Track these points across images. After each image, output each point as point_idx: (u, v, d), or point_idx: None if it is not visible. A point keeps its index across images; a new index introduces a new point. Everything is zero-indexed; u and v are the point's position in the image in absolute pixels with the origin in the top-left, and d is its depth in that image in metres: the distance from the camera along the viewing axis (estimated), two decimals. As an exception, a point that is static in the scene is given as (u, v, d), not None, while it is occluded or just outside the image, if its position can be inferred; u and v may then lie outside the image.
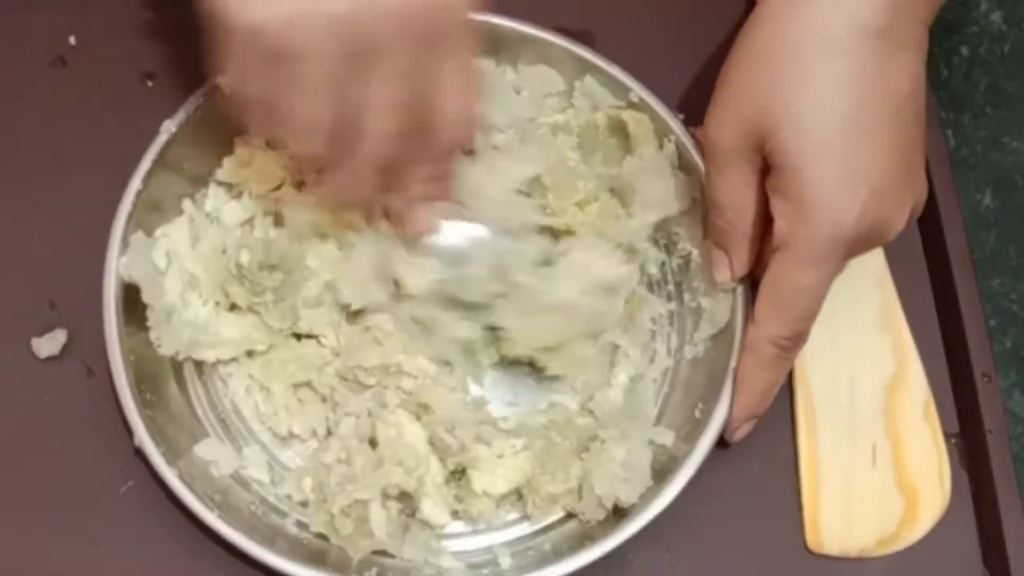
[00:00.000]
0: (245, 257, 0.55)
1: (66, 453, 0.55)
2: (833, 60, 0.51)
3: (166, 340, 0.54)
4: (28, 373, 0.56)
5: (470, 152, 0.57)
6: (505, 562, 0.54)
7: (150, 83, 0.61)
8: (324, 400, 0.56)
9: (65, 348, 0.56)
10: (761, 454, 0.57)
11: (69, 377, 0.56)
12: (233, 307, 0.56)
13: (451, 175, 0.55)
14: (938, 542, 0.56)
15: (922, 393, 0.58)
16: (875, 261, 0.60)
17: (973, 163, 0.69)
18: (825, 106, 0.50)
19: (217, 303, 0.56)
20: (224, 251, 0.56)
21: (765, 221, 0.53)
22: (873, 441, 0.57)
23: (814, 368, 0.58)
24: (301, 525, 0.54)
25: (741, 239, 0.55)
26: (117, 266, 0.54)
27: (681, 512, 0.54)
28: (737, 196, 0.54)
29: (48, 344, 0.56)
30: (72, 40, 0.62)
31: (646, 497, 0.53)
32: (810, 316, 0.53)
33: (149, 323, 0.54)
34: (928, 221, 0.62)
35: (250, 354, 0.56)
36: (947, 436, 0.58)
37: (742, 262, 0.55)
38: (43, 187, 0.59)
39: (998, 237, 0.67)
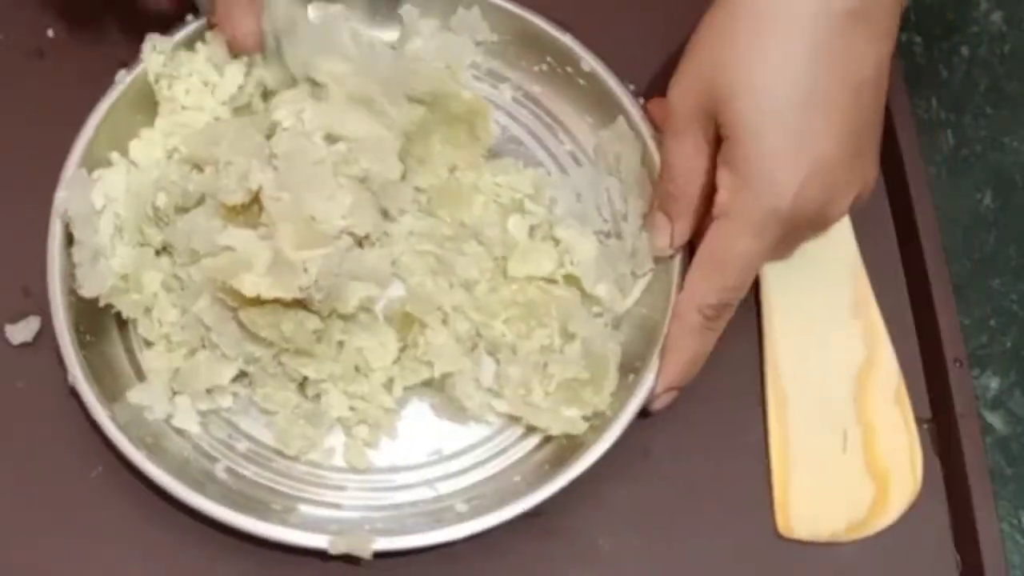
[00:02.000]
0: (162, 200, 0.56)
1: (38, 439, 0.55)
2: (795, 37, 0.51)
3: (88, 283, 0.54)
4: (1, 360, 0.56)
5: None
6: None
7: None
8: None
9: (39, 335, 0.56)
10: (731, 439, 0.57)
11: (42, 364, 0.56)
12: (158, 253, 0.56)
13: None
14: (910, 527, 0.56)
15: (893, 379, 0.58)
16: (847, 247, 0.60)
17: (973, 163, 0.68)
18: (779, 81, 0.51)
19: (141, 245, 0.56)
20: (141, 193, 0.56)
21: (711, 194, 0.54)
22: (844, 427, 0.57)
23: (785, 353, 0.58)
24: (231, 472, 0.54)
25: (687, 207, 0.55)
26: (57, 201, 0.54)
27: (651, 497, 0.55)
28: (689, 162, 0.54)
29: (22, 331, 0.56)
30: (50, 32, 0.63)
31: (570, 460, 0.53)
32: (738, 287, 0.54)
33: (75, 260, 0.54)
34: (900, 206, 0.62)
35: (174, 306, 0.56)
36: (919, 422, 0.58)
37: (683, 230, 0.56)
38: (19, 177, 0.59)
39: (998, 237, 0.67)
